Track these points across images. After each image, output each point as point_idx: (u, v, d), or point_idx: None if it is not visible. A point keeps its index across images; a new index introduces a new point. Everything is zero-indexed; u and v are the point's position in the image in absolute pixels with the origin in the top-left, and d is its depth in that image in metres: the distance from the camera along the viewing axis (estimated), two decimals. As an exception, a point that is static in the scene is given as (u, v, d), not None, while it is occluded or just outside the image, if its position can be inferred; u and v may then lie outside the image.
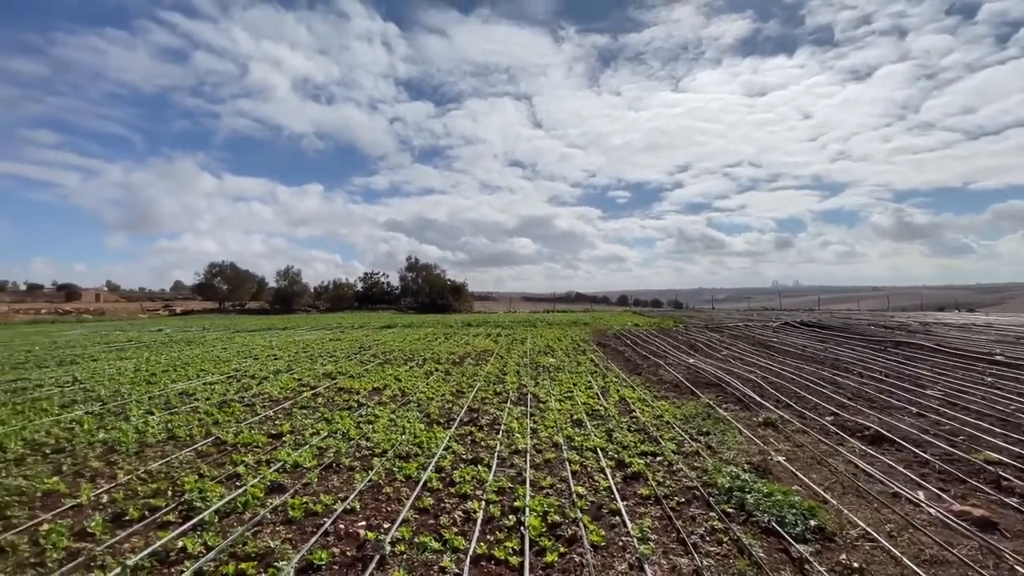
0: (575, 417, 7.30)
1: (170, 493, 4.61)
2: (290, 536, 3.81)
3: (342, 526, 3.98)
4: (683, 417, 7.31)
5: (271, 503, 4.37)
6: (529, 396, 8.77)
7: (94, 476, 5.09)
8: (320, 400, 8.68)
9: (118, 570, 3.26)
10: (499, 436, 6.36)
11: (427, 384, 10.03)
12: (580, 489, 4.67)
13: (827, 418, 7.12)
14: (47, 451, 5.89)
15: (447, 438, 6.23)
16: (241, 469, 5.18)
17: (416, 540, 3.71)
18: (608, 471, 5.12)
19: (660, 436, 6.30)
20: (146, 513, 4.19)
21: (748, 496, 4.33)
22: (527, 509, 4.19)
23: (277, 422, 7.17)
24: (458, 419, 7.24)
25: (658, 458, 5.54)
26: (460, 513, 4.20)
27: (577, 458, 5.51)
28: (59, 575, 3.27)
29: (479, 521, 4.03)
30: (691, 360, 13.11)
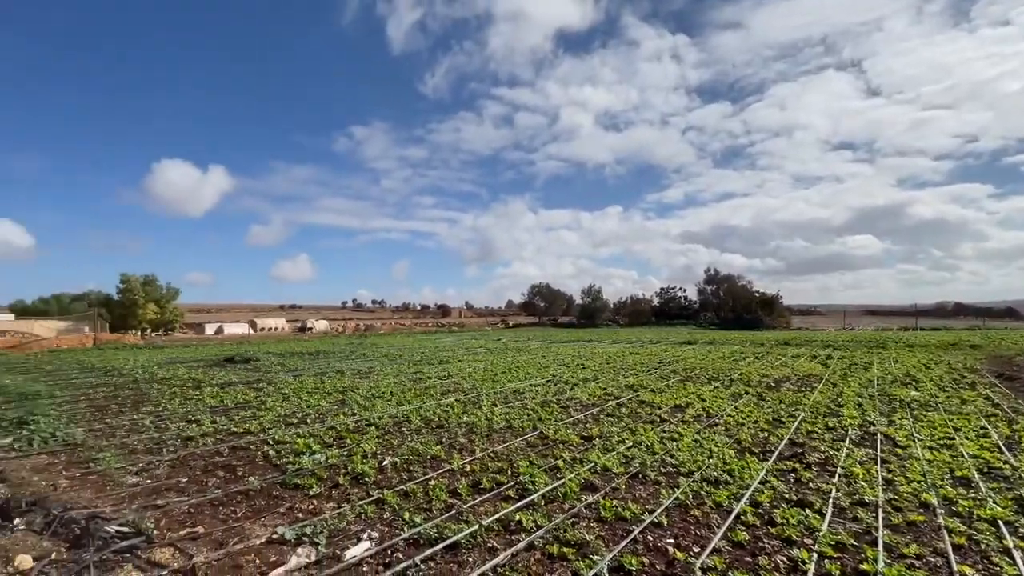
0: (958, 473, 5.38)
1: (509, 472, 5.57)
2: (602, 534, 4.05)
3: (650, 537, 3.99)
4: None
5: (585, 499, 4.76)
6: (879, 437, 6.95)
7: (461, 449, 6.62)
8: (624, 410, 9.02)
9: (476, 527, 4.11)
10: (834, 480, 5.24)
11: (735, 407, 9.17)
12: (967, 570, 3.40)
13: None
14: (433, 425, 7.99)
15: (763, 471, 5.51)
16: (560, 463, 5.84)
17: (731, 574, 3.39)
18: (1018, 555, 3.55)
19: None
20: (494, 485, 5.17)
21: None
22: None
23: (587, 425, 7.80)
24: (776, 451, 6.33)
25: None
26: (784, 559, 3.63)
27: (962, 528, 4.03)
28: (440, 521, 4.34)
29: (810, 574, 3.38)
30: None
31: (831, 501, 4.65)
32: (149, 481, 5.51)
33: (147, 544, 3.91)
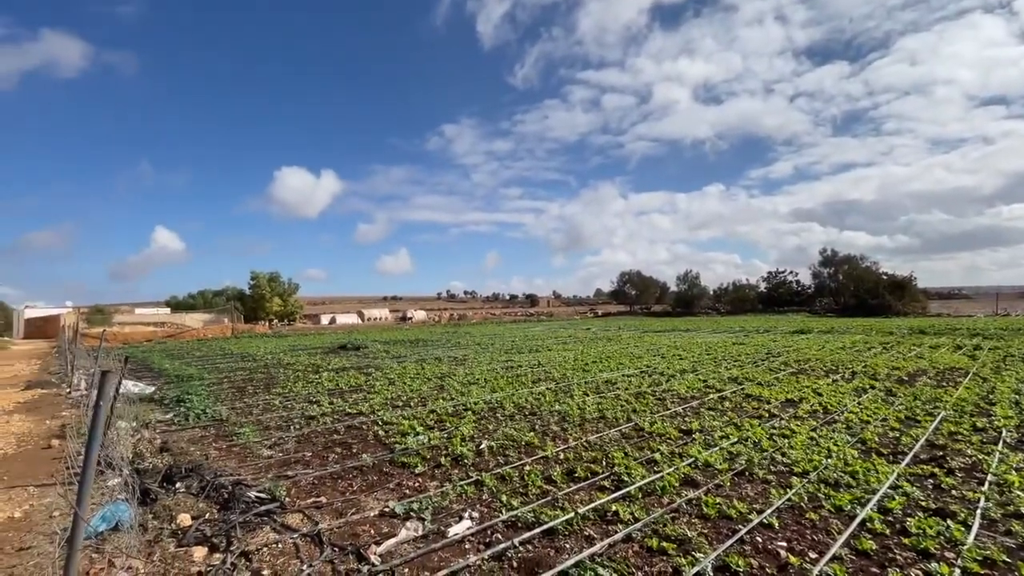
0: None
1: (604, 463, 5.53)
2: (705, 532, 3.88)
3: (759, 539, 3.75)
4: None
5: (685, 495, 4.58)
6: (1044, 440, 5.90)
7: (554, 437, 6.68)
8: (727, 404, 8.52)
9: (572, 515, 4.14)
10: (984, 488, 4.55)
11: (859, 403, 8.27)
12: None
13: None
14: (526, 413, 8.14)
15: (893, 474, 4.93)
16: (658, 456, 5.67)
17: (855, 586, 3.09)
18: None
19: None
20: (588, 475, 5.16)
21: None
22: (1053, 608, 2.81)
23: (686, 419, 7.48)
24: (911, 453, 5.62)
25: None
26: (919, 573, 3.23)
27: None
28: (536, 506, 4.43)
29: (956, 595, 2.98)
30: None
31: (979, 512, 4.04)
32: (280, 454, 6.23)
33: (281, 510, 4.43)
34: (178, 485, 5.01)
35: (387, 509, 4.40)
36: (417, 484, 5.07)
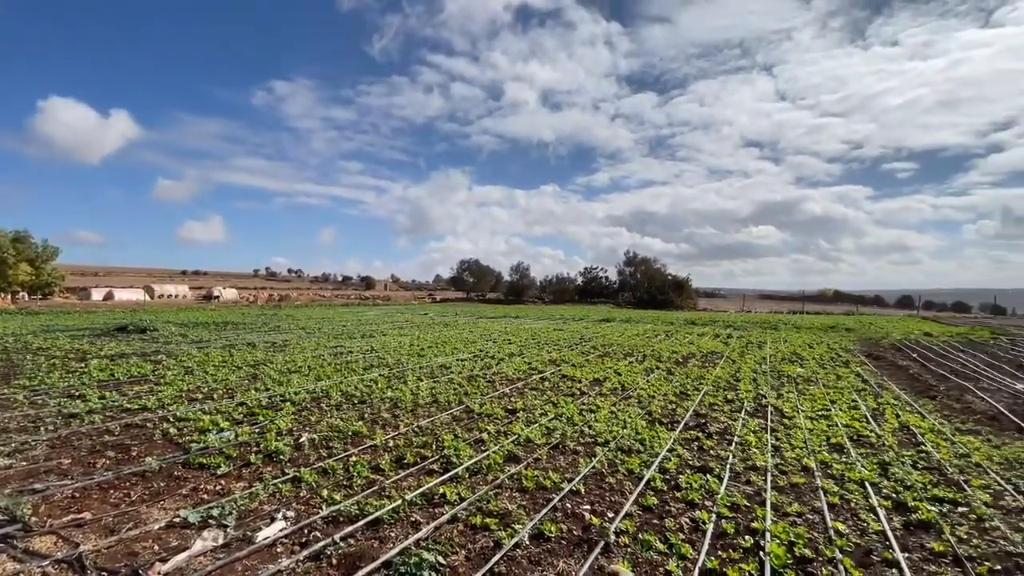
0: (833, 440, 6.14)
1: (434, 447, 5.57)
2: (524, 504, 4.18)
3: (568, 505, 4.18)
4: (1004, 461, 5.43)
5: (508, 471, 4.88)
6: (769, 409, 7.73)
7: (384, 424, 6.50)
8: (547, 384, 9.30)
9: (399, 502, 4.08)
10: (731, 448, 5.78)
11: (648, 381, 9.78)
12: (840, 526, 3.91)
13: None
14: (355, 401, 7.77)
15: (671, 440, 5.96)
16: (485, 436, 5.93)
17: (640, 536, 3.65)
18: (881, 512, 4.15)
19: (965, 481, 4.81)
20: (418, 460, 5.15)
21: None
22: (768, 533, 3.70)
23: (512, 399, 7.96)
24: (683, 422, 6.86)
25: (960, 508, 4.24)
26: (687, 520, 3.96)
27: (836, 489, 4.62)
28: (361, 498, 4.26)
29: (709, 533, 3.73)
30: (1020, 386, 9.63)
31: (728, 467, 5.13)
32: (24, 463, 4.88)
33: (24, 532, 3.48)
34: None
35: (178, 519, 3.77)
36: (219, 487, 4.45)
